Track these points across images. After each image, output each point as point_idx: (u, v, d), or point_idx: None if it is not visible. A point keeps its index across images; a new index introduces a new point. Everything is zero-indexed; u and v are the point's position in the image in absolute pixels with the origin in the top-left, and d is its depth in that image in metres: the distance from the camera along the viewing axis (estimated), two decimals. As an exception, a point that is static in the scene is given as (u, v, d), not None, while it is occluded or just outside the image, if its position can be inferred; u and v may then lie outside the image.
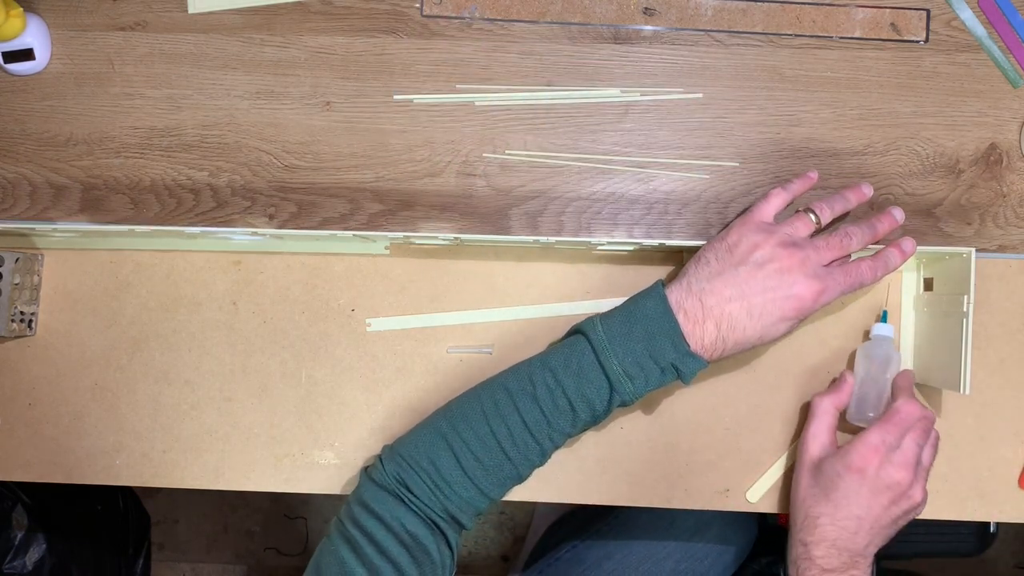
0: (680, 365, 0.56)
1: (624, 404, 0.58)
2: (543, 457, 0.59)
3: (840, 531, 0.60)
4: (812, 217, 0.60)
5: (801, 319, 0.58)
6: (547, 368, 0.57)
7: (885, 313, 0.67)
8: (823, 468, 0.61)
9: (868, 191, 0.64)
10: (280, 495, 1.48)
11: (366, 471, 0.60)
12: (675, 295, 0.57)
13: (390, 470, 0.58)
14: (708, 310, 0.56)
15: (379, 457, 0.60)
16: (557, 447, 0.59)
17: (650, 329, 0.56)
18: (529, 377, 0.57)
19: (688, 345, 0.56)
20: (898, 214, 0.63)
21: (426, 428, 0.59)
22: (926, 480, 0.61)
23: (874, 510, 0.59)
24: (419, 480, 0.57)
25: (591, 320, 0.59)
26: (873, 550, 0.61)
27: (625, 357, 0.56)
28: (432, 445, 0.57)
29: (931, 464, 0.62)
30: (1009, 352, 0.68)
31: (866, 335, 0.68)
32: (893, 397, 0.63)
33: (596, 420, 0.59)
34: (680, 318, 0.56)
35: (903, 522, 0.61)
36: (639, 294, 0.59)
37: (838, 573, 0.60)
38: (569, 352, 0.58)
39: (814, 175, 0.64)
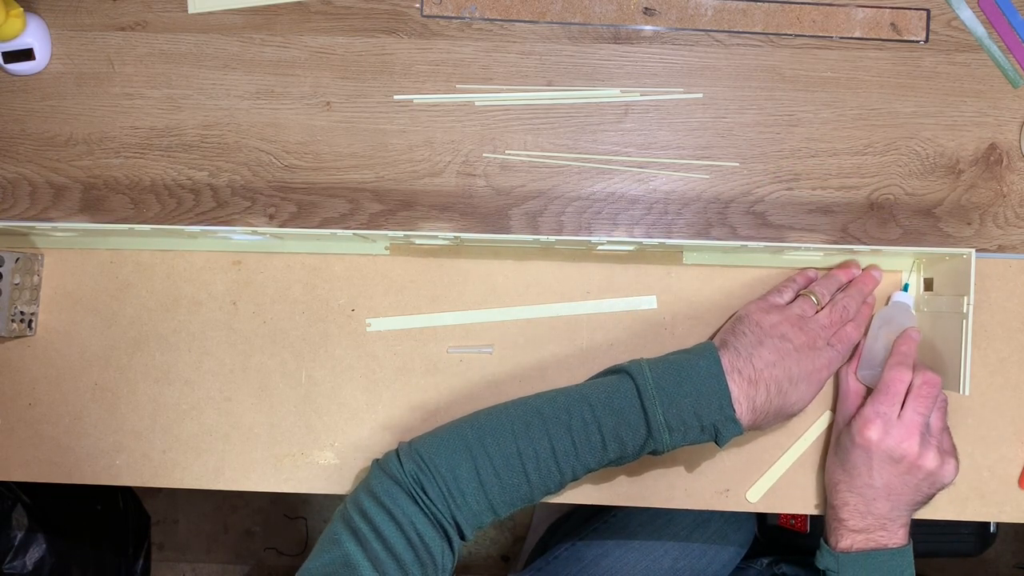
0: (722, 428, 0.58)
1: (655, 453, 0.59)
2: (559, 487, 0.59)
3: (858, 497, 0.62)
4: (814, 299, 0.64)
5: (819, 390, 0.62)
6: (586, 402, 0.58)
7: (907, 284, 0.68)
8: (841, 439, 0.64)
9: (856, 269, 0.67)
10: (280, 495, 1.48)
11: (378, 463, 0.60)
12: (728, 358, 0.59)
13: (408, 469, 0.57)
14: (759, 372, 0.59)
15: (396, 452, 0.59)
16: (576, 479, 0.60)
17: (700, 388, 0.58)
18: (566, 407, 0.58)
19: (734, 410, 0.58)
20: (867, 269, 0.67)
21: (451, 435, 0.59)
22: (942, 446, 0.61)
23: (886, 479, 0.61)
24: (435, 485, 0.56)
25: (638, 363, 0.60)
26: (900, 515, 0.62)
27: (670, 408, 0.57)
28: (455, 452, 0.57)
29: (943, 428, 0.63)
30: (1009, 352, 0.68)
31: (887, 301, 0.68)
32: (887, 364, 0.63)
33: (622, 461, 0.59)
34: (735, 378, 0.58)
35: (928, 489, 0.62)
36: (689, 352, 0.61)
37: (865, 534, 0.62)
38: (612, 391, 0.58)
39: (813, 274, 0.68)
